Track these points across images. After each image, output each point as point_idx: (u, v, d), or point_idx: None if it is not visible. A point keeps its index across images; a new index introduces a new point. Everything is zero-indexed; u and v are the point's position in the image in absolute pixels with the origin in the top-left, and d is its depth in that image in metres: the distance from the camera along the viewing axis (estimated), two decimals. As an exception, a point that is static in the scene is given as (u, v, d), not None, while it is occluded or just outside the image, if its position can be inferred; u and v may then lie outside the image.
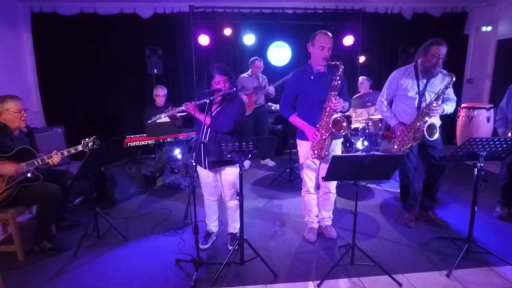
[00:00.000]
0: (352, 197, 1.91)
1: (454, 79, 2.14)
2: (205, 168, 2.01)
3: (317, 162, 2.14)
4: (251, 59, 3.89)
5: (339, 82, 1.95)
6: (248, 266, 1.92)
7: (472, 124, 4.01)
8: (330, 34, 2.01)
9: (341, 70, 1.94)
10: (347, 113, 2.10)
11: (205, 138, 1.96)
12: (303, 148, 2.16)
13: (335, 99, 1.94)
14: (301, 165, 2.23)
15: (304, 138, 2.11)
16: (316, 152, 2.04)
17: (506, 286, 1.76)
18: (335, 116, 1.93)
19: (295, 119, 2.11)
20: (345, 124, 1.89)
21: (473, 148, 1.83)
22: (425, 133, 2.11)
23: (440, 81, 2.23)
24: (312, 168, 2.17)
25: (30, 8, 4.28)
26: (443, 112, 2.20)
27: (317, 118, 2.03)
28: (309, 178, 2.20)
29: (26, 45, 4.35)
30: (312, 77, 2.07)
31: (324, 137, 1.99)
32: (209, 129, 1.96)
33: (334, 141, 2.07)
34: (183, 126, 2.11)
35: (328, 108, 1.96)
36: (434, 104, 2.14)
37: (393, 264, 1.94)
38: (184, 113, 2.01)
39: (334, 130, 1.92)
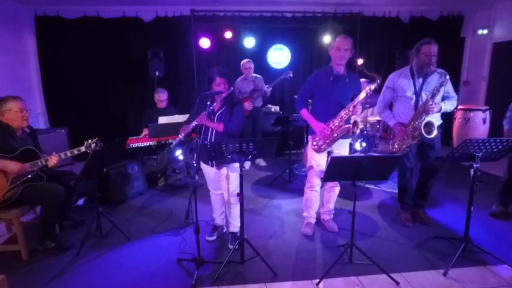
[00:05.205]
0: (351, 197, 1.94)
1: (447, 77, 2.18)
2: (212, 166, 2.11)
3: (324, 159, 2.22)
4: (241, 62, 3.96)
5: (370, 94, 2.08)
6: (248, 265, 1.95)
7: (468, 125, 4.07)
8: (349, 38, 2.14)
9: (378, 82, 2.05)
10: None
11: (210, 139, 2.05)
12: None
13: (360, 104, 2.07)
14: (309, 160, 2.31)
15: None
16: (316, 144, 2.14)
17: (501, 285, 1.79)
18: (354, 118, 2.10)
19: (305, 113, 2.24)
20: (357, 128, 2.04)
21: (469, 149, 1.86)
22: (423, 131, 2.14)
23: (437, 81, 2.27)
24: (319, 169, 2.24)
25: (34, 12, 4.34)
26: (440, 110, 2.24)
27: (329, 117, 2.14)
28: (316, 175, 2.27)
29: (29, 48, 4.41)
30: (331, 78, 2.17)
31: (335, 134, 2.10)
32: (214, 131, 2.06)
33: (342, 140, 2.18)
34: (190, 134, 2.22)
35: (347, 110, 2.09)
36: (430, 102, 2.17)
37: (391, 263, 1.97)
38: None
39: (351, 129, 2.04)
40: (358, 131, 2.04)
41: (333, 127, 2.11)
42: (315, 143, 2.16)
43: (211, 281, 1.82)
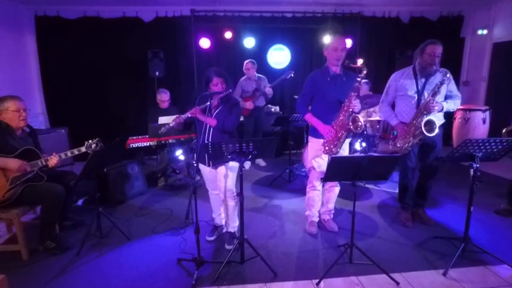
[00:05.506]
0: (351, 197, 1.94)
1: (448, 75, 2.17)
2: (208, 165, 2.11)
3: (325, 160, 2.22)
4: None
5: (361, 84, 2.06)
6: (248, 265, 1.96)
7: (468, 126, 4.07)
8: (343, 37, 2.15)
9: (364, 72, 2.04)
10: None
11: (208, 139, 2.06)
12: (315, 145, 2.25)
13: (354, 99, 2.04)
14: (309, 161, 2.31)
15: (317, 135, 2.21)
16: (327, 148, 2.15)
17: (501, 285, 1.79)
18: (353, 115, 2.06)
19: (309, 117, 2.24)
20: (360, 123, 2.02)
21: (469, 149, 1.87)
22: (424, 129, 2.13)
23: (439, 80, 2.27)
24: (321, 170, 2.25)
25: (34, 12, 4.34)
26: (442, 109, 2.24)
27: (332, 117, 2.14)
28: (317, 176, 2.28)
29: (30, 48, 4.41)
30: (329, 79, 2.18)
31: (339, 134, 2.09)
32: (212, 130, 2.08)
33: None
34: (183, 130, 2.23)
35: (346, 108, 2.07)
36: (432, 101, 2.17)
37: (391, 263, 1.97)
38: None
39: (352, 127, 2.01)
40: (360, 124, 1.99)
41: (337, 128, 2.12)
42: (327, 147, 2.15)
43: (211, 281, 1.82)
